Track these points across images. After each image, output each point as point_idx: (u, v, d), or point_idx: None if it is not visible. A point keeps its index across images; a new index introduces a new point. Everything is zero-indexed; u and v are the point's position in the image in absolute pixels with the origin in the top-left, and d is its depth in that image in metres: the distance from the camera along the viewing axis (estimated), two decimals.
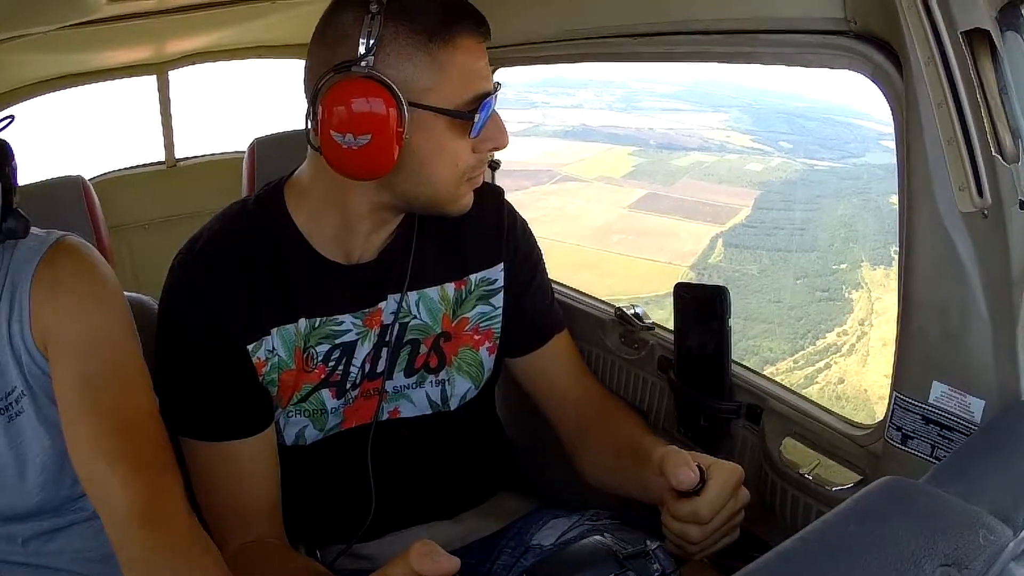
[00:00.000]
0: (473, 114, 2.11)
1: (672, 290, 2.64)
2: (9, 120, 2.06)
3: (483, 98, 2.13)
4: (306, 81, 2.17)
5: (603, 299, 3.36)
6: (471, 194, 2.28)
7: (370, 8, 2.03)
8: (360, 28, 2.04)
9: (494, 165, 2.38)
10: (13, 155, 2.01)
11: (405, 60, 2.06)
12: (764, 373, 2.69)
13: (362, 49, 2.03)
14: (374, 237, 2.37)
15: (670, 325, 2.80)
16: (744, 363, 2.69)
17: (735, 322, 2.54)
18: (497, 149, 2.25)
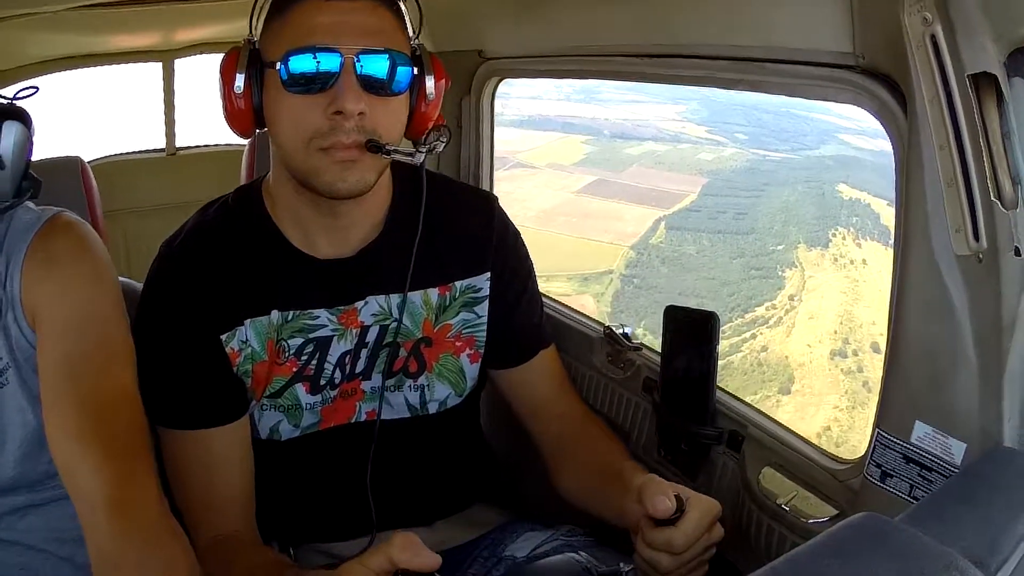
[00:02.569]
0: (276, 63, 2.13)
1: (663, 311, 2.64)
2: (33, 90, 2.08)
3: (296, 49, 2.10)
4: None
5: (590, 316, 3.36)
6: (338, 174, 2.17)
7: None
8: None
9: (372, 147, 2.13)
10: (31, 123, 2.02)
11: (267, 28, 2.21)
12: (747, 401, 2.69)
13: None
14: (337, 232, 2.39)
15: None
16: (727, 389, 2.69)
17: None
18: (339, 112, 2.10)
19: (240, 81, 2.18)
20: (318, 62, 2.09)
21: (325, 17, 2.11)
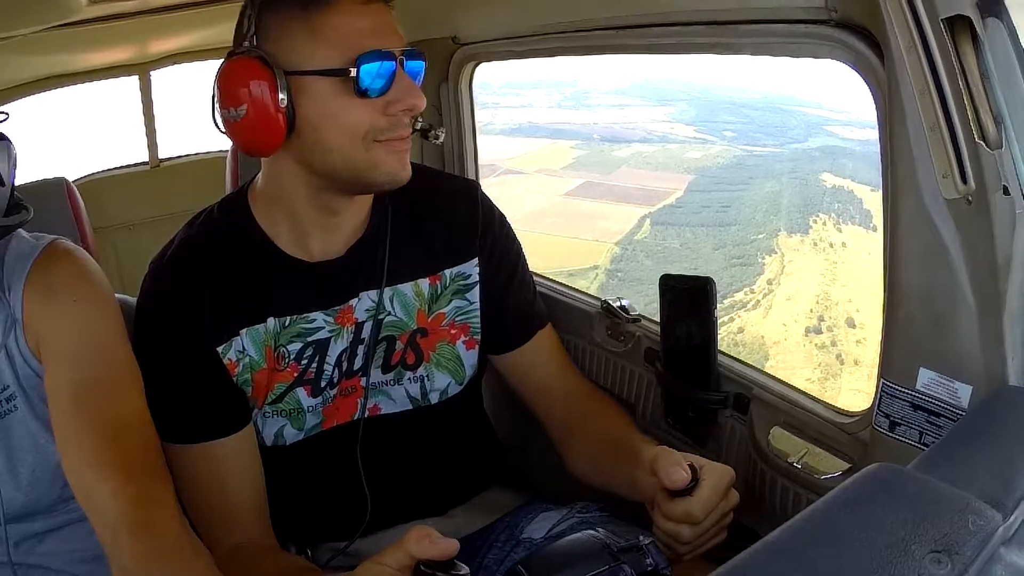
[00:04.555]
0: (348, 70, 2.12)
1: (658, 281, 2.63)
2: (3, 116, 2.08)
3: (365, 55, 2.12)
4: None
5: (586, 292, 3.36)
6: (398, 163, 2.23)
7: None
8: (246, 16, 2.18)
9: (425, 132, 2.33)
10: (13, 148, 2.04)
11: (284, 33, 2.14)
12: (751, 363, 2.69)
13: (245, 32, 2.18)
14: (333, 231, 2.39)
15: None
16: (730, 353, 2.69)
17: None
18: (411, 111, 2.18)
19: (265, 87, 2.12)
20: (384, 66, 2.13)
21: (367, 21, 2.14)
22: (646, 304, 2.78)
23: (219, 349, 2.32)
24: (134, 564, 1.84)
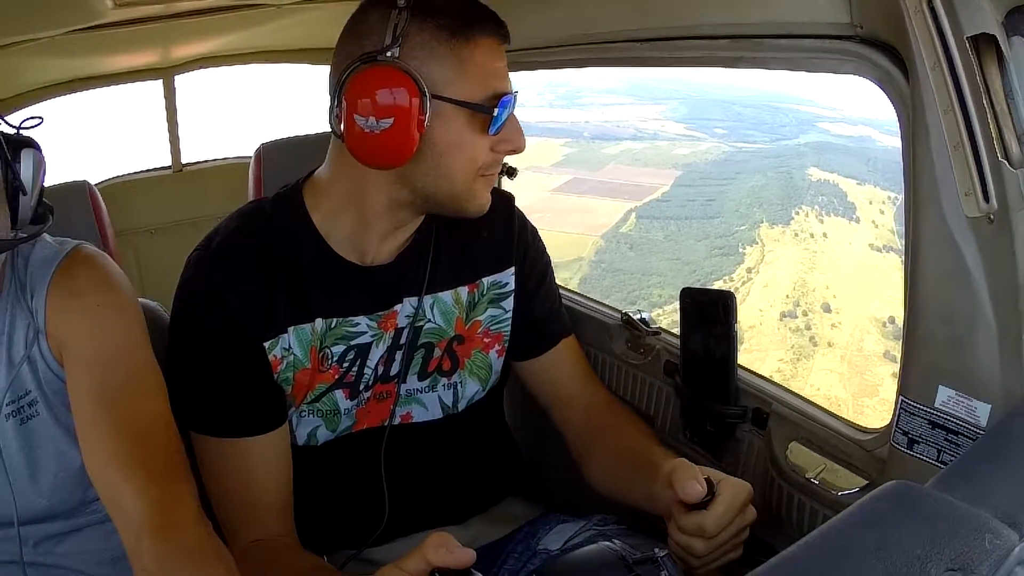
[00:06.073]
0: (492, 110, 2.15)
1: (679, 294, 2.64)
2: (38, 120, 2.09)
3: (502, 96, 2.16)
4: (331, 76, 2.23)
5: (609, 304, 3.36)
6: (488, 194, 2.30)
7: (397, 3, 2.11)
8: (387, 23, 2.11)
9: (511, 172, 2.46)
10: (42, 151, 2.04)
11: (428, 53, 2.12)
12: (769, 377, 2.69)
13: (388, 41, 2.10)
14: (391, 239, 2.39)
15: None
16: (747, 368, 2.69)
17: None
18: (515, 151, 2.27)
19: (415, 105, 2.08)
20: (511, 108, 2.23)
21: (502, 62, 2.25)
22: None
23: (265, 345, 2.31)
24: (155, 565, 1.83)
